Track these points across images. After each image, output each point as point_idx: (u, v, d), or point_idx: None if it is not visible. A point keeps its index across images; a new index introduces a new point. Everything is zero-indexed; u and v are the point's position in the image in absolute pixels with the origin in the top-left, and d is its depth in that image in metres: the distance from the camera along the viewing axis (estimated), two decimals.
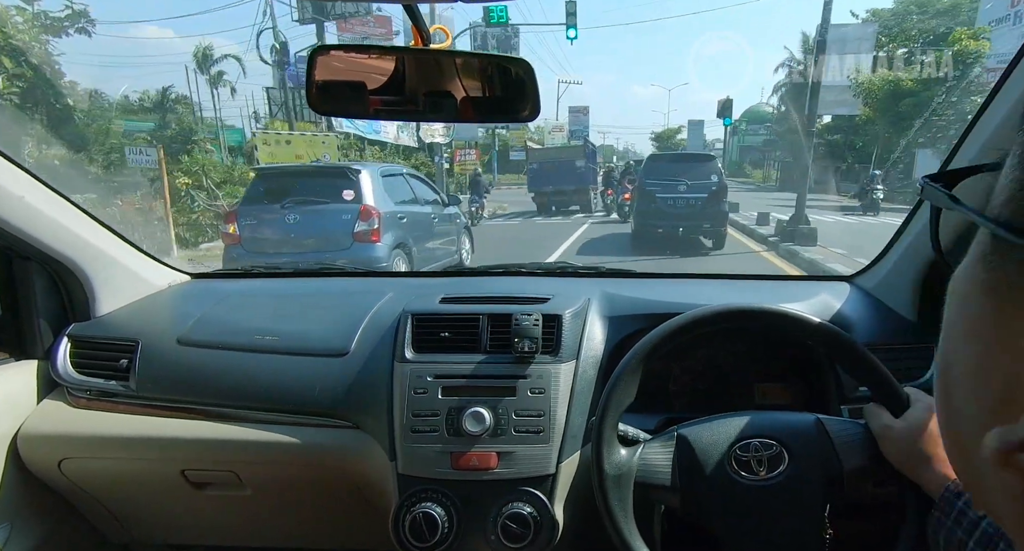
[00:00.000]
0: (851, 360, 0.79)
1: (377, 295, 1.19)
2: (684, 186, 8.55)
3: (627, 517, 0.75)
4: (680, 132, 47.27)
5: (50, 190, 1.05)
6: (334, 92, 0.81)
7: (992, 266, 0.22)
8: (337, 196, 5.39)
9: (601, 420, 0.78)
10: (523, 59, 0.80)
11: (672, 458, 0.78)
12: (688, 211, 8.53)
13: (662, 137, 47.48)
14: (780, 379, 1.11)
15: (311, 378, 1.04)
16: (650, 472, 0.78)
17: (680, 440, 0.79)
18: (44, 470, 1.09)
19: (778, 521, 0.75)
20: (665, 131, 48.48)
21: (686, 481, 0.77)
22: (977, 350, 0.23)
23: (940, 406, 0.26)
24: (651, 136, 51.60)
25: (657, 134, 49.67)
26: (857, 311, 1.11)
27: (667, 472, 0.78)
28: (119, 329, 1.14)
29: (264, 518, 1.20)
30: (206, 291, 1.31)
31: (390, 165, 7.94)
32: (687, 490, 0.77)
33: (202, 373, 1.07)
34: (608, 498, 0.75)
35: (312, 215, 5.46)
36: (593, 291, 1.14)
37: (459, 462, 0.92)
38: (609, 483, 0.76)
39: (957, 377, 0.24)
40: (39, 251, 1.06)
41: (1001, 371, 0.21)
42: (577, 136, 33.31)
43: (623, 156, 58.09)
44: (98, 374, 1.10)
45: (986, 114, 0.84)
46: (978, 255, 0.23)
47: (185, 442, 1.05)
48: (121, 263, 1.21)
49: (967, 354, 0.23)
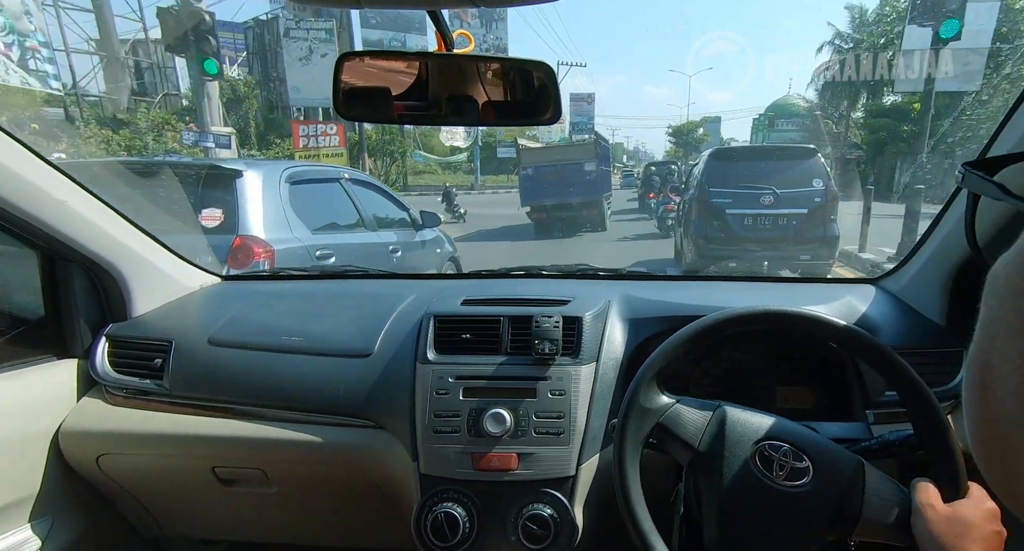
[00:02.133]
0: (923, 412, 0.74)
1: (400, 297, 1.21)
2: (771, 197, 5.55)
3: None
4: (704, 125, 42.17)
5: (90, 195, 1.10)
6: (360, 98, 0.83)
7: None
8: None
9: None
10: (544, 62, 0.81)
11: (705, 422, 0.78)
12: (777, 234, 5.59)
13: (681, 131, 40.69)
14: (802, 382, 1.09)
15: (336, 378, 1.06)
16: (678, 424, 0.78)
17: (719, 412, 0.79)
18: (83, 465, 1.13)
19: (769, 528, 0.73)
20: (685, 125, 41.49)
21: (706, 447, 0.76)
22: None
23: (975, 407, 0.25)
24: (668, 130, 43.99)
25: (675, 128, 42.15)
26: (883, 314, 1.09)
27: (694, 430, 0.78)
28: (154, 329, 1.18)
29: (289, 515, 1.23)
30: (235, 292, 1.35)
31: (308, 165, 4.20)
32: (702, 456, 0.76)
33: (231, 372, 1.10)
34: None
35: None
36: (613, 293, 1.14)
37: (480, 463, 0.93)
38: (635, 412, 0.77)
39: (1003, 375, 0.22)
40: (80, 253, 1.10)
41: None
42: (580, 129, 28.19)
43: (633, 156, 52.57)
44: (134, 373, 1.14)
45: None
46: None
47: (215, 440, 1.08)
48: (156, 265, 1.25)
49: (1016, 353, 0.22)
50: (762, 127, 40.25)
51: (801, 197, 5.55)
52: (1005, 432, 0.22)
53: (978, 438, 0.25)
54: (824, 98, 26.37)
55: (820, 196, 5.54)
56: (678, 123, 42.77)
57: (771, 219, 5.60)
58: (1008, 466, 0.23)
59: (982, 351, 0.24)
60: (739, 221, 5.64)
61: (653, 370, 0.79)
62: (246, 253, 2.81)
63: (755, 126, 42.58)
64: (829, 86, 24.12)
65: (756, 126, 42.07)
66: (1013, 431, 0.22)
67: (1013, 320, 0.22)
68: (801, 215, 5.53)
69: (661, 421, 0.78)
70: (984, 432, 0.24)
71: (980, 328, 0.24)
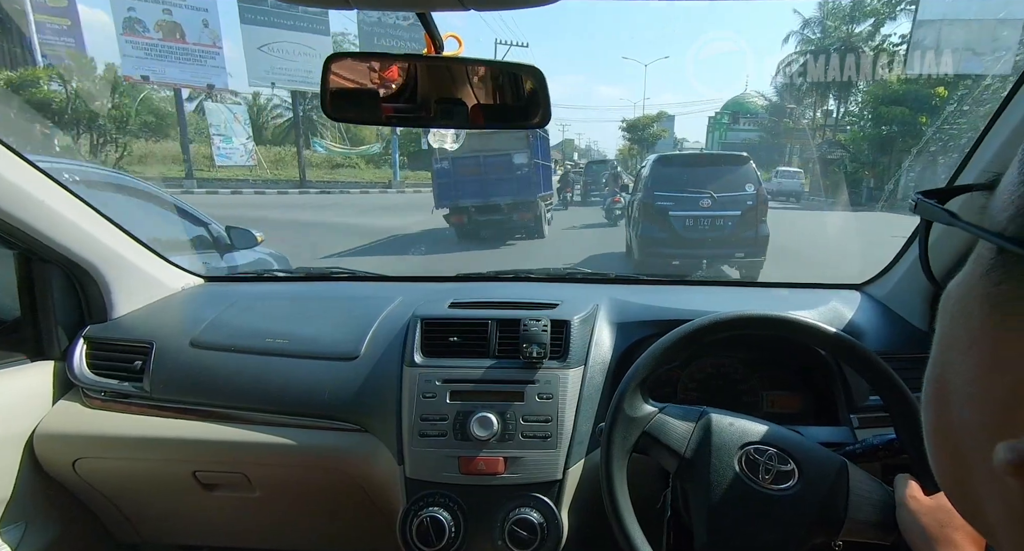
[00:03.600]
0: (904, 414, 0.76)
1: (387, 299, 1.20)
2: (709, 200, 6.08)
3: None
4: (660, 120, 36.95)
5: (70, 194, 1.07)
6: (348, 99, 0.82)
7: (995, 281, 0.22)
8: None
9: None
10: (534, 66, 0.81)
11: (690, 428, 0.78)
12: (715, 234, 6.05)
13: (636, 126, 35.96)
14: (788, 387, 1.10)
15: (321, 381, 1.05)
16: (664, 431, 0.78)
17: (703, 418, 0.79)
18: (59, 469, 1.10)
19: (757, 532, 0.74)
20: (641, 119, 36.31)
21: (692, 454, 0.77)
22: (979, 363, 0.23)
23: (933, 418, 0.26)
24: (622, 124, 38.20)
25: (630, 122, 36.69)
26: (868, 320, 1.10)
27: (679, 438, 0.78)
28: (134, 331, 1.16)
29: (272, 520, 1.21)
30: (218, 294, 1.33)
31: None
32: (688, 463, 0.77)
33: (214, 375, 1.09)
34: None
35: None
36: (601, 297, 1.14)
37: (467, 467, 0.92)
38: (621, 421, 0.76)
39: (957, 389, 0.24)
40: (59, 254, 1.08)
41: (1005, 384, 0.21)
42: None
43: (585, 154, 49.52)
44: (113, 375, 1.12)
45: (988, 137, 0.85)
46: (980, 270, 0.23)
47: (197, 443, 1.06)
48: (137, 266, 1.23)
49: (968, 366, 0.24)
50: (719, 126, 38.42)
51: (735, 200, 6.04)
52: (959, 443, 0.24)
53: (935, 450, 0.27)
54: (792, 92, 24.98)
55: (752, 199, 6.05)
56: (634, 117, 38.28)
57: (709, 220, 6.07)
58: (960, 476, 0.25)
59: (938, 366, 0.26)
60: (681, 222, 6.12)
61: (639, 377, 0.79)
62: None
63: (711, 125, 40.51)
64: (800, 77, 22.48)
65: (713, 125, 39.99)
66: (967, 443, 0.23)
67: (964, 337, 0.24)
68: (736, 217, 6.01)
69: (647, 430, 0.78)
70: (940, 443, 0.26)
71: (935, 345, 0.26)
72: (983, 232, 0.23)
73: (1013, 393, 0.21)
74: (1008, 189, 0.22)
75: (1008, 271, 0.22)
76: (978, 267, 0.24)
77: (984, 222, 0.23)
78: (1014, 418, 0.21)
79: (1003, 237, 0.21)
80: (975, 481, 0.23)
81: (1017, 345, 0.21)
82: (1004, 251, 0.22)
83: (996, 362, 0.22)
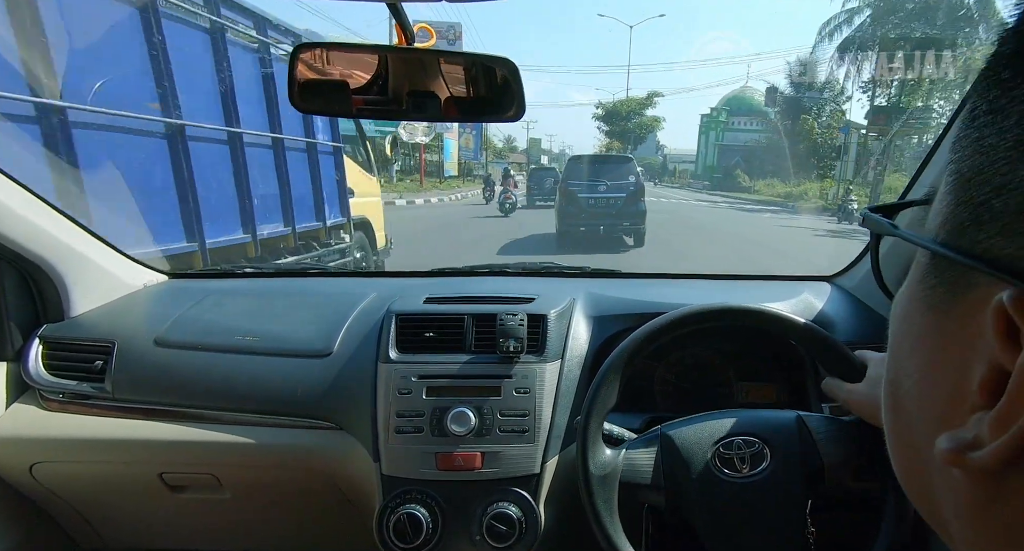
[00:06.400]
0: (809, 340, 0.82)
1: (360, 295, 1.18)
2: (604, 186, 8.98)
3: (612, 517, 0.76)
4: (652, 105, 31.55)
5: (21, 187, 1.02)
6: (317, 91, 0.80)
7: (930, 284, 0.24)
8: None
9: (586, 421, 0.78)
10: (508, 59, 0.80)
11: (656, 457, 0.79)
12: (609, 210, 8.94)
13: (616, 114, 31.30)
14: (762, 378, 1.13)
15: (293, 379, 1.03)
16: (635, 472, 0.79)
17: (664, 440, 0.80)
18: (15, 475, 1.06)
19: (761, 518, 0.76)
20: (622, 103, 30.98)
21: (670, 480, 0.78)
22: (922, 364, 0.25)
23: (890, 415, 0.28)
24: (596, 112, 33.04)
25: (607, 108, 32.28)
26: (838, 311, 1.13)
27: (651, 472, 0.79)
28: (94, 330, 1.12)
29: (244, 521, 1.19)
30: (183, 291, 1.29)
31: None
32: (671, 489, 0.78)
33: (180, 374, 1.05)
34: (594, 498, 0.76)
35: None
36: (578, 291, 1.14)
37: (444, 462, 0.92)
38: (595, 483, 0.76)
39: (908, 390, 0.26)
40: (9, 250, 1.03)
41: (945, 382, 0.23)
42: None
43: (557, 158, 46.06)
44: (72, 376, 1.07)
45: (935, 156, 0.90)
46: (918, 276, 0.25)
47: (163, 444, 1.03)
48: (95, 262, 1.18)
49: (914, 368, 0.25)
50: (715, 126, 34.90)
51: (622, 187, 9.04)
52: (913, 443, 0.25)
53: (894, 449, 0.28)
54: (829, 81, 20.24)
55: (633, 186, 9.07)
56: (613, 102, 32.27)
57: (605, 200, 8.98)
58: (917, 473, 0.26)
59: (891, 370, 0.28)
60: (586, 201, 9.02)
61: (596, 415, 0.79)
62: None
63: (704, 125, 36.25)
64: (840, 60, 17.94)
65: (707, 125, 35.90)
66: (920, 441, 0.25)
67: (909, 340, 0.26)
68: (622, 198, 8.94)
69: (622, 480, 0.78)
70: (898, 443, 0.28)
71: (888, 349, 0.28)
72: (916, 238, 0.25)
73: (951, 394, 0.22)
74: (939, 199, 0.24)
75: (941, 275, 0.23)
76: (916, 272, 0.26)
77: (921, 232, 0.25)
78: (954, 414, 0.22)
79: (935, 242, 0.23)
80: (931, 478, 0.24)
81: (950, 348, 0.22)
82: (937, 256, 0.23)
83: (936, 362, 0.24)
